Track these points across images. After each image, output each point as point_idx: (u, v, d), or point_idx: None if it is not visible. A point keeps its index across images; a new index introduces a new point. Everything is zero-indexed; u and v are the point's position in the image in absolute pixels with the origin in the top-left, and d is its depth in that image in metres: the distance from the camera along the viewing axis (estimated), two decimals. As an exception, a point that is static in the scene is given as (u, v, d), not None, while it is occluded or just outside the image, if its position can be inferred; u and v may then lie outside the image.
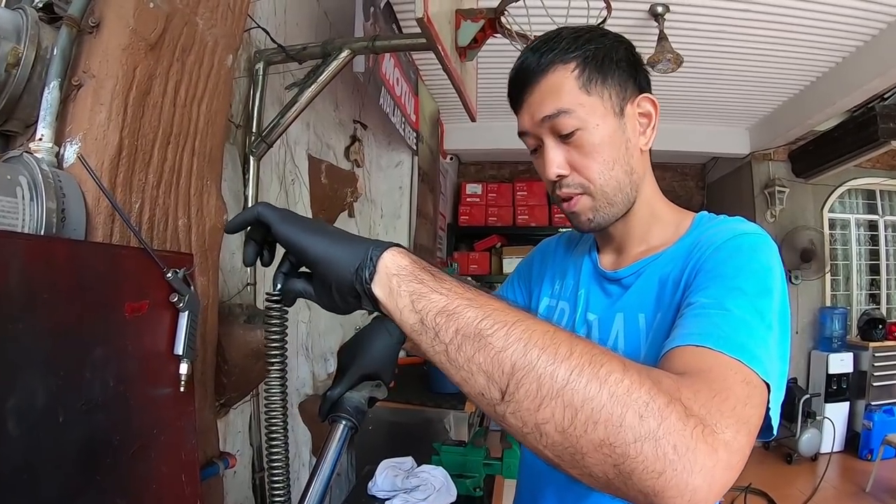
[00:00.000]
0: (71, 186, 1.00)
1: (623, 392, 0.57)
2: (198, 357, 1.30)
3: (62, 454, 0.84)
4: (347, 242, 0.75)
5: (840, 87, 4.51)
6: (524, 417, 0.60)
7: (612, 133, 1.01)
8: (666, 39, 3.71)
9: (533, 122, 1.02)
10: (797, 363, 6.35)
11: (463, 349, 0.63)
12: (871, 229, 6.96)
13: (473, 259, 6.72)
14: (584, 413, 0.57)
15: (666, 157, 7.14)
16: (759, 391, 0.70)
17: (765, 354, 0.73)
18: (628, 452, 0.56)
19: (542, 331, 0.62)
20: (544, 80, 1.00)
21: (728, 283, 0.84)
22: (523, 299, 1.38)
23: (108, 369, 0.93)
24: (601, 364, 0.59)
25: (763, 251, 0.89)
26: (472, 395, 0.64)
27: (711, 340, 0.72)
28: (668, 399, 0.58)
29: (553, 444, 0.59)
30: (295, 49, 2.02)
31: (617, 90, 1.01)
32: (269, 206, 0.81)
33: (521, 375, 0.59)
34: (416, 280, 0.69)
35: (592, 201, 1.04)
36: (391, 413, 2.85)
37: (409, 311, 0.68)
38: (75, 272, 0.87)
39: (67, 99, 1.06)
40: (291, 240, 0.77)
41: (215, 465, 1.39)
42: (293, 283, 0.83)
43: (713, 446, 0.57)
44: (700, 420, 0.58)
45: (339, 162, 3.19)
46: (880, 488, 4.87)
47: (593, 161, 1.00)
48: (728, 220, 1.02)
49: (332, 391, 0.94)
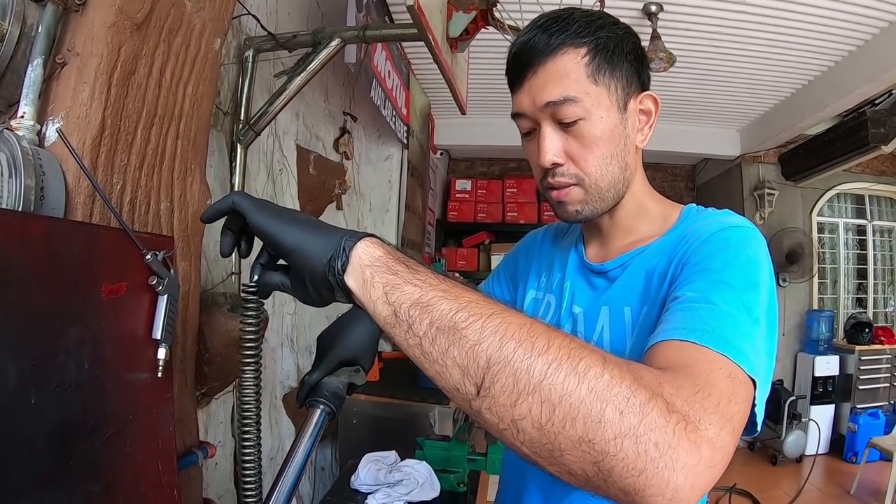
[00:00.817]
0: (51, 165, 0.98)
1: (603, 387, 0.55)
2: (177, 343, 1.28)
3: (34, 437, 0.82)
4: (321, 232, 0.74)
5: (831, 91, 4.52)
6: (500, 413, 0.58)
7: (614, 127, 0.97)
8: (659, 38, 3.70)
9: (533, 105, 0.97)
10: (783, 365, 6.38)
11: (437, 342, 0.61)
12: (859, 234, 6.99)
13: (462, 255, 6.69)
14: (562, 409, 0.55)
15: (656, 158, 7.16)
16: (745, 387, 0.68)
17: (751, 350, 0.72)
18: (608, 449, 0.54)
19: (519, 323, 0.60)
20: (552, 62, 0.94)
21: (715, 277, 0.82)
22: (509, 292, 1.37)
23: (83, 351, 0.92)
24: (580, 358, 0.57)
25: (751, 245, 0.88)
26: (447, 389, 0.63)
27: (696, 335, 0.71)
28: (649, 394, 0.56)
29: (530, 441, 0.57)
30: (285, 37, 2.00)
31: (623, 83, 0.98)
32: (244, 196, 0.80)
33: (496, 370, 0.58)
34: (389, 271, 0.67)
35: (584, 194, 1.01)
36: (375, 407, 2.84)
37: (382, 303, 0.66)
38: (51, 250, 0.85)
39: (51, 77, 1.05)
40: (265, 229, 0.76)
41: (194, 455, 1.38)
42: (270, 275, 0.82)
43: (696, 443, 0.55)
44: (683, 416, 0.56)
45: (327, 153, 3.17)
46: (864, 491, 4.89)
47: (592, 154, 0.97)
48: (716, 213, 1.01)
49: (310, 376, 0.93)
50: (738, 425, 0.63)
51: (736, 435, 0.62)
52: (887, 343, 6.14)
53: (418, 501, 1.98)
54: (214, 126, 1.88)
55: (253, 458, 0.90)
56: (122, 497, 1.00)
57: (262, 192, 2.35)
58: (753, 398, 0.70)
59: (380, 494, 2.00)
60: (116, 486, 0.99)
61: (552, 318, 1.15)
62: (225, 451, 2.02)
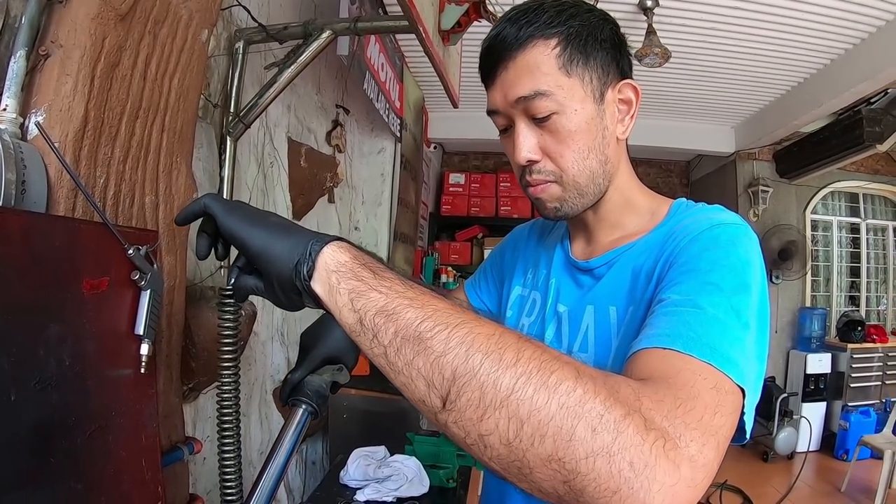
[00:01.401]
0: (33, 158, 0.97)
1: (574, 402, 0.53)
2: (163, 338, 1.27)
3: (14, 434, 0.81)
4: (288, 235, 0.72)
5: (827, 89, 4.53)
6: (467, 428, 0.56)
7: (590, 119, 0.93)
8: (654, 34, 3.70)
9: (506, 101, 0.94)
10: (775, 362, 6.42)
11: (402, 352, 0.59)
12: (852, 232, 7.03)
13: (455, 249, 6.70)
14: (531, 425, 0.53)
15: (651, 154, 7.18)
16: (732, 397, 0.65)
17: (739, 356, 0.68)
18: (579, 469, 0.51)
19: (487, 334, 0.58)
20: (522, 55, 0.91)
21: (702, 279, 0.78)
22: (495, 287, 1.35)
23: (64, 347, 0.91)
24: (551, 371, 0.55)
25: (742, 243, 0.83)
26: (413, 401, 0.61)
27: (680, 342, 0.67)
28: (625, 410, 0.54)
29: (498, 457, 0.55)
30: (276, 28, 1.98)
31: (599, 73, 0.93)
32: (215, 198, 0.79)
33: (462, 382, 0.55)
34: (355, 277, 0.65)
35: (562, 191, 0.97)
36: (365, 402, 2.83)
37: (348, 310, 0.65)
38: (31, 245, 0.84)
39: (34, 69, 1.03)
40: (233, 232, 0.75)
41: (180, 450, 1.37)
42: (245, 279, 0.81)
43: (675, 462, 0.53)
44: (661, 433, 0.54)
45: (319, 146, 3.15)
46: (855, 488, 4.92)
47: (567, 148, 0.93)
48: (706, 209, 0.96)
49: (293, 375, 0.92)
50: (724, 439, 0.60)
51: (721, 450, 0.59)
52: (879, 341, 6.20)
53: (407, 497, 1.97)
54: (204, 118, 1.86)
55: (232, 460, 0.90)
56: (106, 494, 0.99)
57: (253, 184, 2.34)
58: (742, 407, 0.68)
59: (369, 490, 2.00)
60: (99, 483, 0.98)
61: (537, 316, 1.13)
62: (213, 447, 2.01)
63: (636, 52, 3.71)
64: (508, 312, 1.21)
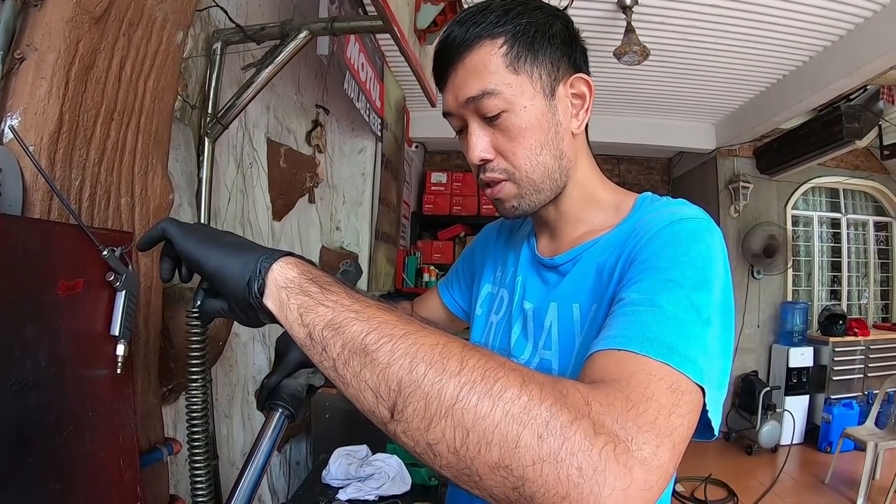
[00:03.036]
0: (8, 161, 0.97)
1: (519, 410, 0.53)
2: (140, 340, 1.28)
3: (-10, 435, 0.81)
4: (240, 254, 0.74)
5: (807, 86, 4.56)
6: (415, 437, 0.56)
7: (541, 116, 0.93)
8: (633, 32, 3.71)
9: (457, 102, 0.95)
10: (758, 356, 6.49)
11: (350, 365, 0.61)
12: (833, 227, 7.11)
13: (437, 248, 6.69)
14: (476, 433, 0.53)
15: (632, 151, 7.22)
16: (689, 397, 0.64)
17: (699, 354, 0.68)
18: (526, 475, 0.52)
19: (431, 344, 0.58)
20: (469, 56, 0.92)
21: (662, 276, 0.77)
22: (467, 286, 1.36)
23: (40, 348, 0.91)
24: (495, 379, 0.55)
25: (703, 238, 0.83)
26: (364, 412, 0.62)
27: (636, 343, 0.67)
28: (573, 416, 0.54)
29: (448, 465, 0.56)
30: (253, 29, 1.98)
31: (548, 69, 0.94)
32: (172, 222, 0.81)
33: (408, 393, 0.56)
34: (303, 292, 0.67)
35: (517, 188, 0.98)
36: (346, 401, 2.82)
37: (298, 325, 0.66)
38: (5, 247, 0.84)
39: (10, 73, 1.03)
40: (189, 255, 0.77)
41: (159, 451, 1.37)
42: (210, 301, 0.83)
43: (626, 466, 0.53)
44: (612, 437, 0.54)
45: (299, 146, 3.14)
46: (839, 480, 4.97)
47: (519, 146, 0.94)
48: (669, 203, 0.96)
49: (269, 379, 0.94)
50: (681, 439, 0.60)
51: (677, 451, 0.59)
52: (861, 335, 6.27)
53: (389, 495, 1.98)
54: (181, 120, 1.86)
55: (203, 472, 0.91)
56: (84, 494, 1.00)
57: (232, 185, 2.33)
58: (704, 405, 0.68)
59: (351, 489, 2.01)
60: (77, 483, 0.98)
61: (504, 313, 1.13)
62: (195, 447, 2.01)
63: (615, 50, 3.72)
64: (478, 310, 1.23)
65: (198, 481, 0.90)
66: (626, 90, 5.31)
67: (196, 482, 0.90)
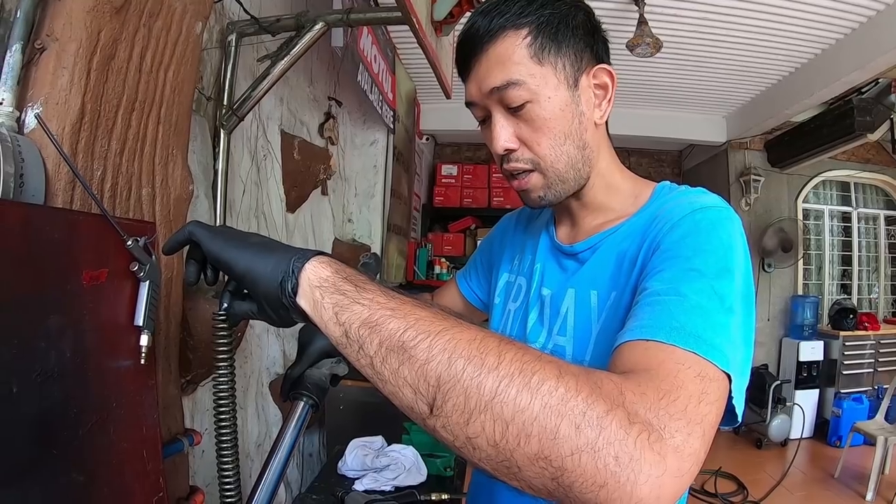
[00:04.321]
0: (30, 151, 0.97)
1: (557, 402, 0.54)
2: (161, 331, 1.28)
3: (16, 426, 0.82)
4: (271, 255, 0.74)
5: (818, 79, 4.54)
6: (455, 431, 0.57)
7: (565, 106, 0.93)
8: (646, 24, 3.70)
9: (480, 93, 0.95)
10: (768, 350, 6.46)
11: (388, 362, 0.61)
12: (844, 221, 7.06)
13: (448, 240, 6.68)
14: (516, 426, 0.54)
15: (643, 144, 7.19)
16: (717, 384, 0.65)
17: (724, 342, 0.69)
18: (565, 465, 0.53)
19: (469, 339, 0.59)
20: (493, 47, 0.92)
21: (685, 265, 0.78)
22: (485, 277, 1.36)
23: (65, 339, 0.91)
24: (533, 372, 0.56)
25: (724, 227, 0.84)
26: (402, 408, 0.62)
27: (663, 333, 0.68)
28: (608, 406, 0.55)
29: (487, 458, 0.56)
30: (268, 21, 1.98)
31: (572, 60, 0.94)
32: (199, 225, 0.81)
33: (447, 388, 0.57)
34: (337, 291, 0.67)
35: (543, 179, 0.98)
36: (362, 392, 2.83)
37: (333, 324, 0.66)
38: (30, 237, 0.84)
39: (30, 63, 1.03)
40: (219, 256, 0.77)
41: (180, 442, 1.37)
42: (238, 304, 0.83)
43: (660, 454, 0.54)
44: (646, 425, 0.55)
45: (312, 139, 3.15)
46: (848, 474, 4.94)
47: (543, 136, 0.94)
48: (688, 192, 0.97)
49: (293, 370, 0.94)
50: (710, 426, 0.61)
51: (707, 438, 0.60)
52: (871, 329, 6.23)
53: (405, 486, 1.99)
54: (197, 111, 1.86)
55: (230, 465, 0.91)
56: (108, 485, 1.00)
57: (247, 177, 2.34)
58: (730, 392, 0.68)
59: (367, 479, 2.01)
60: (101, 474, 0.98)
61: (522, 300, 1.14)
62: (212, 439, 2.02)
63: (627, 42, 3.71)
64: (496, 300, 1.23)
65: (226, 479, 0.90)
66: (637, 82, 5.28)
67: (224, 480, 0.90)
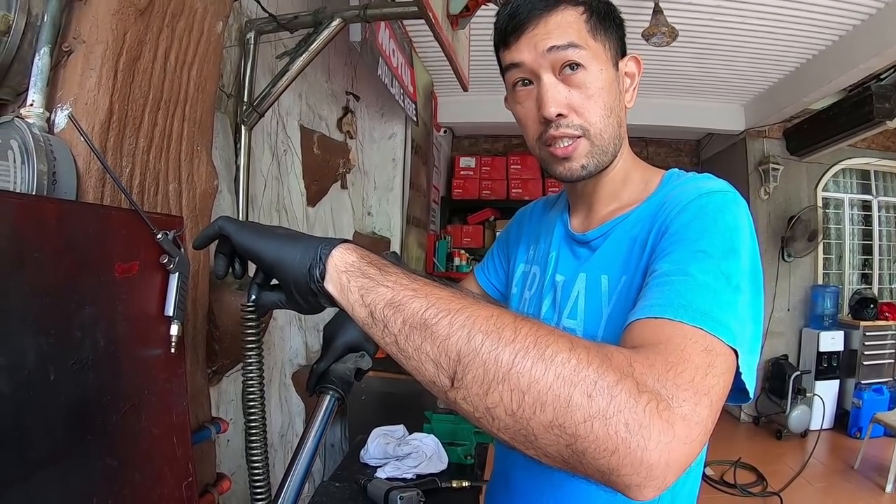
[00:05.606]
0: (62, 150, 1.00)
1: (569, 372, 0.57)
2: (188, 321, 1.31)
3: (53, 413, 0.85)
4: (298, 243, 0.77)
5: (836, 66, 4.49)
6: (474, 402, 0.60)
7: (612, 82, 0.99)
8: (661, 13, 3.68)
9: (535, 51, 0.96)
10: (788, 340, 6.40)
11: (411, 339, 0.64)
12: (864, 209, 6.95)
13: (467, 232, 6.72)
14: (531, 395, 0.57)
15: (660, 132, 7.14)
16: (723, 358, 0.68)
17: (731, 318, 0.72)
18: (578, 432, 0.55)
19: (486, 316, 0.62)
20: (553, 15, 0.95)
21: (692, 247, 0.81)
22: (503, 268, 1.39)
23: (99, 329, 0.94)
24: (547, 345, 0.58)
25: (729, 209, 0.87)
26: (425, 382, 0.65)
27: (671, 311, 0.71)
28: (618, 376, 0.57)
29: (505, 427, 0.59)
30: (286, 18, 2.01)
31: (614, 44, 1.01)
32: (228, 220, 0.84)
33: (467, 361, 0.60)
34: (363, 275, 0.70)
35: (591, 146, 0.99)
36: (383, 383, 2.87)
37: (359, 306, 0.69)
38: (65, 231, 0.87)
39: (58, 65, 1.07)
40: (248, 247, 0.81)
41: (207, 430, 1.41)
42: (267, 294, 0.87)
43: (669, 421, 0.56)
44: (654, 395, 0.57)
45: (331, 133, 3.18)
46: (868, 466, 4.90)
47: (594, 104, 0.97)
48: (696, 178, 1.00)
49: (319, 364, 0.98)
50: (718, 398, 0.63)
51: (715, 408, 0.62)
52: (892, 319, 6.14)
53: (427, 474, 2.01)
54: (218, 108, 1.89)
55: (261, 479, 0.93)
56: (139, 470, 1.03)
57: (268, 172, 2.37)
58: (738, 367, 0.71)
59: (389, 467, 2.04)
60: (133, 459, 1.02)
61: (537, 288, 1.17)
62: (237, 428, 2.05)
63: (643, 31, 3.69)
64: (514, 289, 1.26)
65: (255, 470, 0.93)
66: (653, 71, 5.22)
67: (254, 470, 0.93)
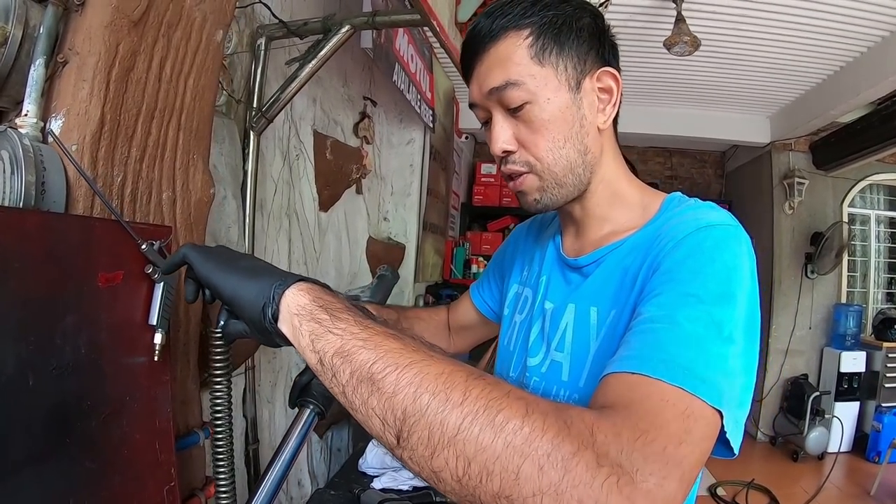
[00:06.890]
0: (52, 160, 1.02)
1: (520, 441, 0.54)
2: (180, 328, 1.33)
3: (32, 417, 0.86)
4: (256, 280, 0.76)
5: (865, 78, 4.40)
6: (420, 464, 0.58)
7: (565, 108, 0.92)
8: (683, 21, 3.63)
9: (481, 93, 0.95)
10: (808, 359, 6.30)
11: (358, 392, 0.62)
12: (891, 226, 6.82)
13: (486, 239, 6.71)
14: (478, 463, 0.54)
15: (684, 144, 7.08)
16: (704, 423, 0.63)
17: (717, 375, 0.67)
18: None
19: (436, 374, 0.59)
20: (494, 47, 0.92)
21: (683, 289, 0.75)
22: (497, 288, 1.36)
23: (80, 336, 0.95)
24: (498, 410, 0.56)
25: (729, 247, 0.80)
26: (374, 436, 0.63)
27: (650, 366, 0.66)
28: (575, 447, 0.54)
29: (452, 492, 0.57)
30: (296, 24, 2.03)
31: (574, 62, 0.92)
32: (192, 248, 0.85)
33: (412, 422, 0.58)
34: (314, 319, 0.69)
35: (539, 181, 0.96)
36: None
37: (309, 351, 0.68)
38: (47, 242, 0.89)
39: (54, 76, 1.08)
40: (208, 280, 0.81)
41: (196, 435, 1.42)
42: (233, 323, 0.87)
43: (629, 498, 0.52)
44: (615, 468, 0.53)
45: (347, 138, 3.20)
46: (885, 492, 4.78)
47: (542, 138, 0.92)
48: (696, 207, 0.94)
49: (301, 377, 0.97)
50: (691, 468, 0.59)
51: (686, 480, 0.58)
52: (917, 340, 5.99)
53: (423, 486, 2.01)
54: (227, 114, 1.92)
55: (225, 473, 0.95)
56: (120, 474, 1.04)
57: (278, 177, 2.39)
58: (723, 426, 0.66)
59: (385, 478, 2.05)
60: (114, 463, 1.03)
61: (527, 313, 1.13)
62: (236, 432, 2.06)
63: (665, 40, 3.66)
64: (506, 311, 1.23)
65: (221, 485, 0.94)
66: (676, 81, 5.20)
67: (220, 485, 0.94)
